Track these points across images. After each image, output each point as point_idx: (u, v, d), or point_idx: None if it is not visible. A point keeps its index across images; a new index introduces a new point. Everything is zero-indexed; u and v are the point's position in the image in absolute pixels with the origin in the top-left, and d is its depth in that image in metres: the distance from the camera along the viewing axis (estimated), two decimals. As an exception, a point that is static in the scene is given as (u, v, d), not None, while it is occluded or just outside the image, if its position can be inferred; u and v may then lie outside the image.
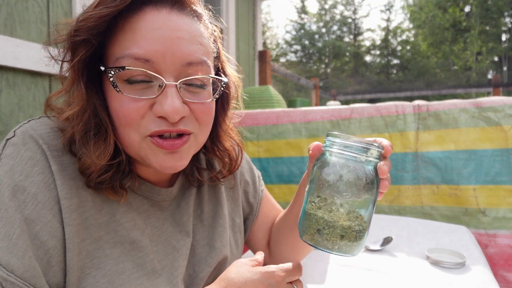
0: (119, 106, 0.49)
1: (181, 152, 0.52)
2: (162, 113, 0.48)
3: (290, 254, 0.77)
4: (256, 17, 3.61)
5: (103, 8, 0.46)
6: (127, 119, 0.49)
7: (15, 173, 0.45)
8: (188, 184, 0.67)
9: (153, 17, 0.48)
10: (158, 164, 0.51)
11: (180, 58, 0.49)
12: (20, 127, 0.49)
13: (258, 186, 0.80)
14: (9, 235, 0.43)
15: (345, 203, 0.47)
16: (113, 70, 0.47)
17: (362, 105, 1.46)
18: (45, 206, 0.46)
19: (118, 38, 0.48)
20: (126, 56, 0.47)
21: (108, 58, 0.50)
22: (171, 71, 0.49)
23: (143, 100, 0.48)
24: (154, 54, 0.47)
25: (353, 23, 20.30)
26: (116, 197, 0.53)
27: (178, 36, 0.49)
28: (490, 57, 15.30)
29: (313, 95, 5.31)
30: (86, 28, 0.46)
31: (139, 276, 0.53)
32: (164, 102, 0.48)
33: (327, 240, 0.47)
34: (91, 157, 0.48)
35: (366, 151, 0.48)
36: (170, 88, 0.49)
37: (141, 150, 0.51)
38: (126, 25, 0.48)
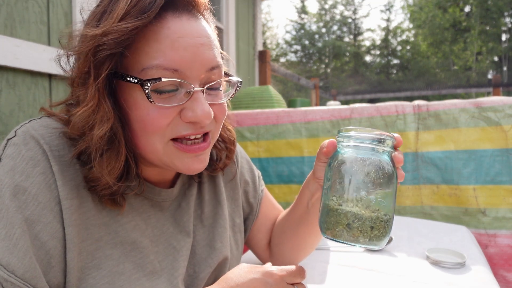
0: (146, 114, 0.48)
1: (204, 153, 0.54)
2: (195, 118, 0.49)
3: (292, 254, 0.77)
4: (256, 17, 3.61)
5: (134, 20, 0.45)
6: (155, 127, 0.49)
7: (16, 173, 0.45)
8: (188, 184, 0.67)
9: (176, 25, 0.48)
10: (185, 167, 0.53)
11: (205, 65, 0.50)
12: (21, 127, 0.49)
13: (258, 186, 0.80)
14: (10, 235, 0.43)
15: (370, 195, 0.48)
16: (149, 82, 0.46)
17: (362, 105, 1.46)
18: (46, 207, 0.46)
19: (141, 47, 0.48)
20: (155, 66, 0.47)
21: (131, 67, 0.48)
22: (197, 77, 0.50)
23: (171, 107, 0.49)
24: (182, 63, 0.48)
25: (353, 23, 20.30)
26: (114, 208, 0.52)
27: (201, 43, 0.50)
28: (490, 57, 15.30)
29: (313, 95, 5.31)
30: (118, 42, 0.45)
31: (139, 277, 0.53)
32: (195, 108, 0.49)
33: (360, 233, 0.48)
34: (102, 171, 0.48)
35: (383, 142, 0.49)
36: (199, 94, 0.50)
37: (164, 155, 0.52)
38: (148, 34, 0.47)
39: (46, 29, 1.29)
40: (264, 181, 1.62)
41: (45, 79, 1.30)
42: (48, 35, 1.30)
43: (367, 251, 0.99)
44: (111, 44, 0.45)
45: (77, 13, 1.39)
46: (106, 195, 0.50)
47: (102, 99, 0.47)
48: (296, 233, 0.72)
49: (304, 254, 0.78)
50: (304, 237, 0.72)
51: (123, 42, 0.46)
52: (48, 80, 1.31)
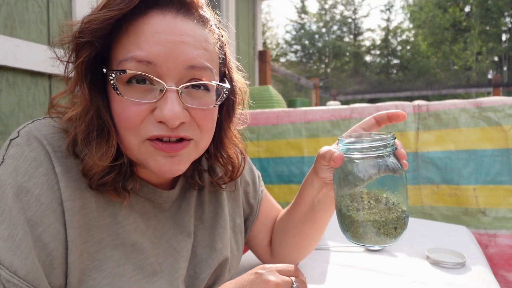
0: (120, 109, 0.49)
1: (180, 156, 0.52)
2: (161, 117, 0.47)
3: (295, 252, 0.77)
4: (256, 17, 3.61)
5: (107, 11, 0.46)
6: (127, 122, 0.49)
7: (19, 174, 0.45)
8: (188, 186, 0.67)
9: (158, 21, 0.48)
10: (156, 167, 0.51)
11: (183, 62, 0.48)
12: (24, 127, 0.49)
13: (258, 187, 0.80)
14: (13, 236, 0.43)
15: (389, 200, 0.50)
16: (114, 73, 0.47)
17: (362, 105, 1.46)
18: (48, 208, 0.46)
19: (122, 41, 0.48)
20: (129, 58, 0.47)
21: (111, 60, 0.50)
22: (173, 75, 0.48)
23: (144, 104, 0.48)
24: (157, 57, 0.47)
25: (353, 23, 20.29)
26: (119, 199, 0.52)
27: (182, 40, 0.48)
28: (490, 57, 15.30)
29: (313, 95, 5.31)
30: (90, 30, 0.46)
31: (140, 279, 0.53)
32: (163, 107, 0.47)
33: (386, 236, 0.50)
34: (93, 158, 0.48)
35: (386, 145, 0.50)
36: (171, 93, 0.48)
37: (140, 154, 0.51)
38: (130, 28, 0.48)
39: (46, 29, 1.29)
40: (264, 181, 1.62)
41: (45, 79, 1.30)
42: (48, 35, 1.30)
43: (367, 251, 0.99)
44: (87, 32, 0.47)
45: (77, 13, 1.39)
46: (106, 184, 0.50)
47: (80, 83, 0.49)
48: (300, 230, 0.72)
49: (307, 252, 0.78)
50: (309, 234, 0.72)
51: (96, 31, 0.47)
52: (48, 80, 1.31)
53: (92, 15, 0.47)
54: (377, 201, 0.50)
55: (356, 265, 0.88)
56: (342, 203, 0.53)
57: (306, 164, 1.55)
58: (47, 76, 1.31)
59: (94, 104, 0.49)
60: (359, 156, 0.51)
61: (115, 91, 0.48)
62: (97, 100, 0.50)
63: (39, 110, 1.28)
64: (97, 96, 0.50)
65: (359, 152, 0.50)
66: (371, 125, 0.62)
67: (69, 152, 0.50)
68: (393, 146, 0.51)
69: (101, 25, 0.46)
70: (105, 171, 0.49)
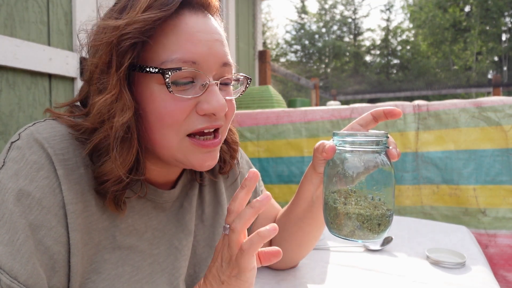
0: (163, 107, 0.49)
1: (215, 150, 0.55)
2: (211, 109, 0.50)
3: (294, 251, 0.77)
4: (256, 17, 3.61)
5: (158, 11, 0.47)
6: (172, 119, 0.49)
7: (20, 177, 0.45)
8: (190, 185, 0.67)
9: (193, 20, 0.51)
10: (198, 163, 0.53)
11: (219, 60, 0.52)
12: (25, 130, 0.49)
13: (258, 187, 0.80)
14: (13, 240, 0.42)
15: (375, 195, 0.51)
16: (170, 71, 0.48)
17: (362, 105, 1.46)
18: (50, 211, 0.45)
19: (160, 40, 0.49)
20: (175, 60, 0.48)
21: (150, 60, 0.50)
22: (212, 71, 0.51)
23: (188, 100, 0.50)
24: (200, 56, 0.50)
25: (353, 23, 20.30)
26: (115, 211, 0.52)
27: (216, 38, 0.52)
28: (490, 57, 15.30)
29: (313, 95, 5.32)
30: (142, 31, 0.47)
31: (139, 279, 0.53)
32: (211, 99, 0.50)
33: (369, 231, 0.51)
34: (115, 162, 0.47)
35: (378, 142, 0.51)
36: (214, 86, 0.51)
37: (179, 151, 0.52)
38: (167, 29, 0.49)
39: (46, 29, 1.29)
40: (264, 181, 1.62)
41: (45, 79, 1.30)
42: (48, 35, 1.30)
43: (367, 251, 0.99)
44: (135, 33, 0.47)
45: (77, 13, 1.39)
46: (113, 192, 0.50)
47: (123, 88, 0.48)
48: (300, 227, 0.72)
49: (307, 250, 0.78)
50: (309, 231, 0.72)
51: (147, 32, 0.48)
52: (48, 80, 1.31)
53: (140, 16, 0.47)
54: (363, 196, 0.51)
55: (356, 265, 0.88)
56: (329, 196, 0.54)
57: (306, 164, 1.55)
58: (47, 76, 1.31)
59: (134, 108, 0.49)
60: (349, 149, 0.52)
61: (168, 89, 0.48)
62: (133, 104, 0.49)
63: (39, 110, 1.28)
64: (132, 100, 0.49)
65: (350, 146, 0.52)
66: (368, 121, 0.63)
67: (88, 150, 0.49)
68: (385, 144, 0.52)
69: (153, 25, 0.48)
70: (119, 178, 0.49)
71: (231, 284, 0.50)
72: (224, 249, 0.51)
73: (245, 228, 0.49)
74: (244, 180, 0.51)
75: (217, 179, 0.71)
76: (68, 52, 1.35)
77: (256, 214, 0.49)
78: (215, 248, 0.55)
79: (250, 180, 0.50)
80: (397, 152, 0.53)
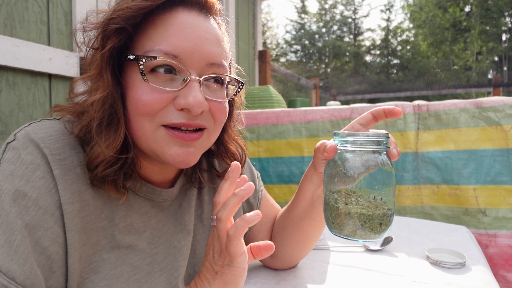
0: (140, 94, 0.49)
1: (194, 147, 0.53)
2: (186, 105, 0.49)
3: (294, 251, 0.77)
4: (256, 17, 3.61)
5: (142, 1, 0.49)
6: (147, 108, 0.49)
7: (16, 178, 0.45)
8: (189, 185, 0.67)
9: (184, 17, 0.51)
10: (171, 156, 0.51)
11: (205, 58, 0.51)
12: (21, 130, 0.49)
13: (258, 187, 0.80)
14: (10, 241, 0.42)
15: (376, 194, 0.51)
16: (144, 58, 0.48)
17: (362, 105, 1.46)
18: (47, 212, 0.45)
19: (148, 32, 0.50)
20: (156, 50, 0.49)
21: (136, 49, 0.51)
22: (196, 68, 0.51)
23: (166, 92, 0.50)
24: (183, 51, 0.50)
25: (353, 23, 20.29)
26: (117, 195, 0.52)
27: (205, 37, 0.52)
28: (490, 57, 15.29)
29: (313, 95, 5.31)
30: (124, 17, 0.48)
31: (138, 278, 0.53)
32: (188, 95, 0.50)
33: (371, 231, 0.51)
34: (101, 146, 0.48)
35: (379, 142, 0.51)
36: (194, 82, 0.51)
37: (154, 141, 0.51)
38: (157, 21, 0.50)
39: (46, 29, 1.29)
40: (264, 181, 1.62)
41: (45, 79, 1.30)
42: (48, 35, 1.30)
43: (367, 251, 0.98)
44: (119, 19, 0.48)
45: (77, 13, 1.39)
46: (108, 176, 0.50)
47: (103, 70, 0.49)
48: (300, 227, 0.72)
49: (307, 250, 0.78)
50: (309, 230, 0.72)
51: (130, 19, 0.49)
52: (48, 80, 1.31)
53: (125, 3, 0.49)
54: (365, 196, 0.51)
55: (356, 265, 0.88)
56: (330, 196, 0.54)
57: (306, 164, 1.55)
58: (47, 76, 1.31)
59: (114, 91, 0.50)
60: (350, 149, 0.52)
61: (142, 77, 0.49)
62: (116, 87, 0.51)
63: (39, 110, 1.28)
64: (115, 83, 0.51)
65: (351, 145, 0.52)
66: (368, 120, 0.63)
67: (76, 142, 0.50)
68: (385, 144, 0.52)
69: (136, 13, 0.48)
70: (110, 162, 0.49)
71: (225, 273, 0.51)
72: (214, 241, 0.52)
73: (230, 216, 0.50)
74: (228, 172, 0.52)
75: (216, 185, 0.71)
76: (68, 52, 1.35)
77: (239, 202, 0.50)
78: (207, 243, 0.55)
79: (232, 172, 0.52)
80: (397, 151, 0.54)
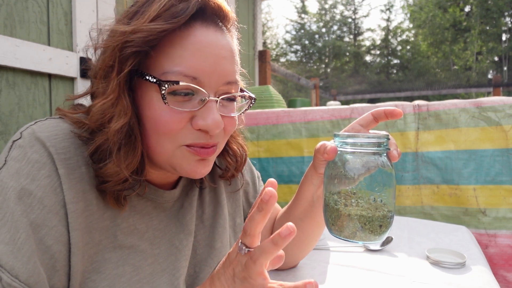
0: (159, 116, 0.49)
1: (209, 159, 0.55)
2: (205, 126, 0.49)
3: (294, 251, 0.77)
4: (256, 17, 3.61)
5: (164, 23, 0.47)
6: (166, 129, 0.49)
7: (21, 176, 0.45)
8: (190, 185, 0.67)
9: (203, 35, 0.50)
10: (190, 170, 0.53)
11: (223, 78, 0.51)
12: (27, 128, 0.49)
13: (258, 187, 0.81)
14: (15, 239, 0.43)
15: (376, 196, 0.51)
16: (167, 84, 0.47)
17: (362, 105, 1.46)
18: (51, 211, 0.45)
19: (166, 51, 0.49)
20: (176, 72, 0.48)
21: (153, 68, 0.50)
22: (213, 88, 0.51)
23: (184, 112, 0.49)
24: (202, 72, 0.49)
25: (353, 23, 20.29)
26: (116, 207, 0.52)
27: (223, 56, 0.51)
28: (490, 57, 15.28)
29: (313, 95, 5.32)
30: (146, 41, 0.47)
31: (140, 279, 0.53)
32: (206, 116, 0.49)
33: (371, 232, 0.51)
34: (120, 166, 0.48)
35: (379, 144, 0.51)
36: (212, 103, 0.50)
37: (173, 158, 0.52)
38: (175, 39, 0.49)
39: (46, 29, 1.29)
40: (264, 181, 1.62)
41: (45, 79, 1.30)
42: (48, 35, 1.30)
43: (367, 251, 0.98)
44: (138, 42, 0.47)
45: (77, 13, 1.39)
46: (116, 191, 0.50)
47: (122, 93, 0.48)
48: (300, 228, 0.72)
49: (307, 250, 0.78)
50: (309, 231, 0.73)
51: (150, 42, 0.47)
52: (48, 80, 1.31)
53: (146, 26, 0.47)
54: (365, 197, 0.51)
55: (356, 265, 0.88)
56: (330, 197, 0.54)
57: (306, 164, 1.55)
58: (47, 76, 1.31)
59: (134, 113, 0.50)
60: (351, 151, 0.52)
61: (163, 100, 0.48)
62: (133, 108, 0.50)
63: (39, 110, 1.28)
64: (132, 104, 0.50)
65: (351, 147, 0.52)
66: (369, 121, 0.63)
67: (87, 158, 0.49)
68: (386, 145, 0.52)
69: (157, 36, 0.47)
70: (123, 179, 0.49)
71: None
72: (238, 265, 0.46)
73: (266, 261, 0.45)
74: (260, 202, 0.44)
75: (217, 185, 0.71)
76: (68, 52, 1.35)
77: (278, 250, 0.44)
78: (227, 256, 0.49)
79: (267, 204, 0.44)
80: (398, 152, 0.53)
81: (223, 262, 0.50)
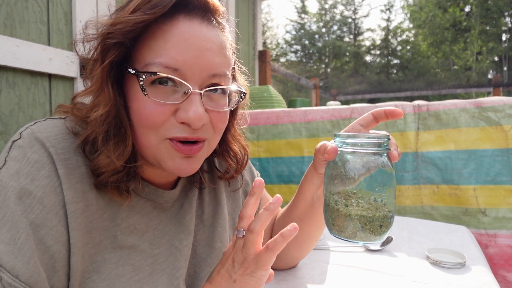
0: (142, 108, 0.49)
1: (195, 157, 0.54)
2: (186, 119, 0.49)
3: (294, 251, 0.77)
4: (256, 17, 3.61)
5: (142, 14, 0.47)
6: (149, 121, 0.49)
7: (21, 176, 0.45)
8: (190, 185, 0.67)
9: (185, 27, 0.50)
10: (173, 167, 0.52)
11: (207, 70, 0.50)
12: (26, 129, 0.49)
13: (258, 187, 0.80)
14: (15, 239, 0.43)
15: (376, 196, 0.51)
16: (144, 75, 0.48)
17: (362, 105, 1.46)
18: (51, 211, 0.45)
19: (148, 43, 0.49)
20: (157, 63, 0.48)
21: (136, 61, 0.50)
22: (197, 80, 0.50)
23: (167, 105, 0.49)
24: (184, 64, 0.48)
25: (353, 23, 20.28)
26: (120, 199, 0.52)
27: (207, 47, 0.50)
28: (490, 57, 15.28)
29: (313, 95, 5.32)
30: (123, 32, 0.47)
31: (140, 279, 0.53)
32: (188, 109, 0.49)
33: (371, 233, 0.51)
34: (110, 156, 0.48)
35: (380, 144, 0.51)
36: (195, 95, 0.50)
37: (158, 152, 0.51)
38: (157, 32, 0.49)
39: (46, 29, 1.29)
40: (264, 181, 1.62)
41: (45, 79, 1.30)
42: (48, 35, 1.30)
43: (367, 251, 0.98)
44: (117, 33, 0.47)
45: (77, 13, 1.39)
46: (113, 183, 0.50)
47: (104, 84, 0.49)
48: (300, 228, 0.72)
49: (307, 250, 0.78)
50: (309, 231, 0.73)
51: (128, 33, 0.48)
52: (48, 80, 1.31)
53: (123, 17, 0.48)
54: (365, 198, 0.51)
55: (356, 265, 0.88)
56: (330, 197, 0.54)
57: (306, 164, 1.55)
58: (47, 76, 1.31)
59: (117, 103, 0.50)
60: (351, 151, 0.52)
61: (143, 92, 0.48)
62: (118, 100, 0.50)
63: (38, 110, 1.28)
64: (117, 95, 0.51)
65: (352, 147, 0.52)
66: (369, 121, 0.63)
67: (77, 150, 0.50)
68: (386, 146, 0.52)
69: (134, 27, 0.47)
70: (116, 170, 0.49)
71: (244, 281, 0.51)
72: (237, 251, 0.52)
73: (262, 229, 0.51)
74: (252, 188, 0.54)
75: (216, 185, 0.71)
76: (68, 52, 1.35)
77: (271, 215, 0.52)
78: (224, 253, 0.55)
79: (257, 187, 0.54)
80: (398, 153, 0.54)
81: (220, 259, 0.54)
